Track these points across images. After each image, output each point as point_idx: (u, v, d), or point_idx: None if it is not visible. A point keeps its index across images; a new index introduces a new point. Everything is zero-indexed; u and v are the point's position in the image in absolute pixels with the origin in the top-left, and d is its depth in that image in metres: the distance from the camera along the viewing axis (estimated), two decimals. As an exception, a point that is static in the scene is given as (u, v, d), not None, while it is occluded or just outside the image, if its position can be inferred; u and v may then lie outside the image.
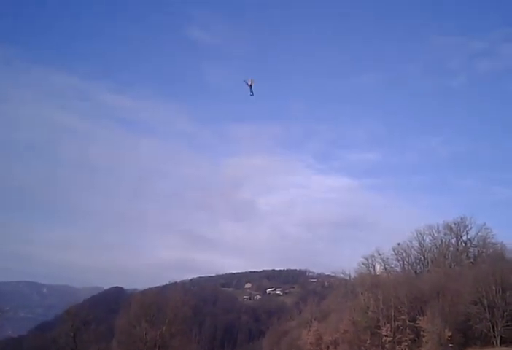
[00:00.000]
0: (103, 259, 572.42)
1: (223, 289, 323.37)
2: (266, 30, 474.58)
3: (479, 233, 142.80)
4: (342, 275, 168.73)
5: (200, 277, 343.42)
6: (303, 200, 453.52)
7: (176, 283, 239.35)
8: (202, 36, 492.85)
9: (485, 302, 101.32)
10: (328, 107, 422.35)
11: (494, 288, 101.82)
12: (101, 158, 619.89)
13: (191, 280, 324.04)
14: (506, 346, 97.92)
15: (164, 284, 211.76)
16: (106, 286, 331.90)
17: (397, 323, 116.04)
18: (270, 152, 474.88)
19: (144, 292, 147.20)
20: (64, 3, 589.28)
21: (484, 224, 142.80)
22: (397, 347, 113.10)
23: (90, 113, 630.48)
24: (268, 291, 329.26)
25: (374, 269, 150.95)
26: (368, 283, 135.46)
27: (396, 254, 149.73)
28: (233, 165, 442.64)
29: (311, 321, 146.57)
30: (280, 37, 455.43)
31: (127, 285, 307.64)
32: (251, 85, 55.81)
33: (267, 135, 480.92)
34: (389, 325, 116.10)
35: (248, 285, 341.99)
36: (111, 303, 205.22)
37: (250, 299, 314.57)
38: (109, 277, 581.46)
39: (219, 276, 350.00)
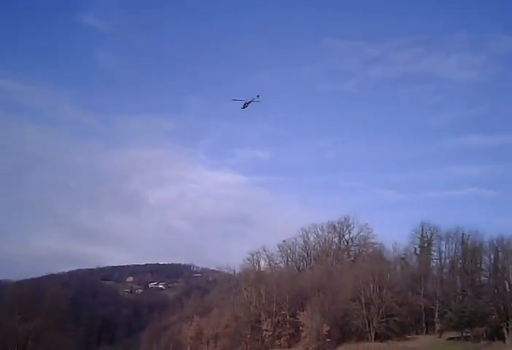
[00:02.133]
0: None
1: (103, 282, 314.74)
2: (163, 21, 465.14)
3: (360, 233, 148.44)
4: (227, 270, 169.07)
5: (79, 269, 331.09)
6: (193, 194, 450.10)
7: (53, 275, 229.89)
8: (96, 22, 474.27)
9: (362, 299, 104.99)
10: (223, 104, 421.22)
11: (371, 286, 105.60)
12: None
13: (69, 272, 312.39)
14: (380, 341, 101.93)
15: (41, 275, 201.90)
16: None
17: (277, 318, 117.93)
18: (163, 146, 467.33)
19: (19, 284, 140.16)
20: None
21: (366, 224, 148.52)
22: (277, 341, 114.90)
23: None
24: (151, 285, 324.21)
25: (259, 265, 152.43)
26: (252, 278, 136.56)
27: (281, 251, 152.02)
28: (122, 156, 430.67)
29: (193, 316, 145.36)
30: (180, 29, 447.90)
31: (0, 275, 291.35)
32: (249, 102, 53.67)
33: (160, 129, 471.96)
34: (269, 320, 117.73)
35: (130, 278, 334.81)
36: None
37: (131, 293, 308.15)
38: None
39: (100, 269, 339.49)
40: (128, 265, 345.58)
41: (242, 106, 53.93)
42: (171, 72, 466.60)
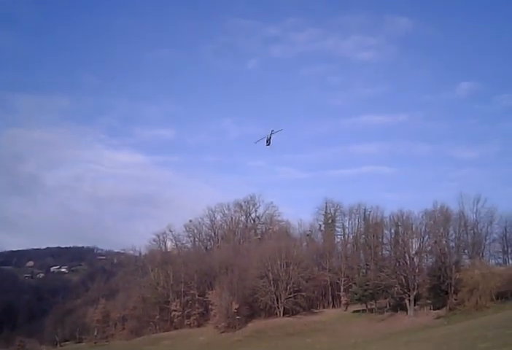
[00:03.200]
0: None
1: (2, 267, 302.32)
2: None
3: (267, 211, 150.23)
4: (132, 252, 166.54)
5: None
6: (92, 175, 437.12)
7: None
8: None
9: (270, 276, 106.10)
10: (123, 82, 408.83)
11: (278, 262, 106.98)
12: None
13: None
14: (288, 316, 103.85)
15: None
16: None
17: (186, 298, 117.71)
18: (57, 125, 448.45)
19: None
20: None
21: (271, 202, 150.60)
22: (186, 321, 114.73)
23: None
24: (53, 269, 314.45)
25: (165, 246, 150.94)
26: (159, 259, 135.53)
27: (187, 231, 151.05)
28: (14, 137, 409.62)
29: (99, 299, 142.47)
30: (69, 3, 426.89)
31: None
32: (270, 137, 50.28)
33: (53, 107, 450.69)
34: (178, 300, 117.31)
35: (30, 263, 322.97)
36: None
37: (32, 277, 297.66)
38: None
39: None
40: (27, 249, 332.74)
41: (266, 144, 51.66)
42: (64, 48, 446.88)
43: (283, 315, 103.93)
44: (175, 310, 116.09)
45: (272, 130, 49.16)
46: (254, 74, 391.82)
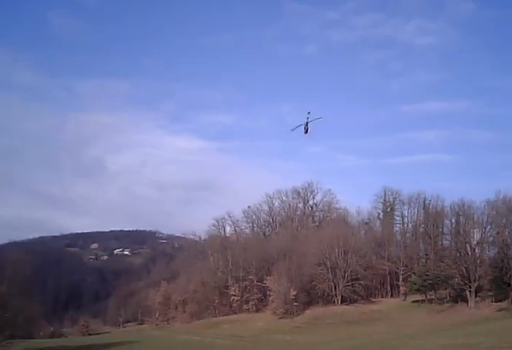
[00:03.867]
0: None
1: (68, 249, 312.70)
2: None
3: (324, 198, 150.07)
4: (192, 236, 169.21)
5: (42, 237, 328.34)
6: (153, 160, 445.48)
7: (16, 242, 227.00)
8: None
9: (328, 263, 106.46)
10: (185, 66, 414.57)
11: (336, 250, 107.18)
12: None
13: (32, 239, 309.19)
14: (346, 305, 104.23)
15: (2, 243, 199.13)
16: None
17: (245, 283, 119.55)
18: (121, 110, 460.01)
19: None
20: None
21: (329, 189, 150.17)
22: (245, 306, 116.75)
23: None
24: (116, 251, 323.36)
25: (224, 231, 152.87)
26: (218, 244, 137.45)
27: (246, 217, 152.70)
28: (80, 121, 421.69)
29: (160, 282, 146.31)
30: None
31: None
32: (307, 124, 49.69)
33: (118, 93, 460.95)
34: (237, 285, 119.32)
35: (94, 245, 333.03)
36: None
37: (96, 259, 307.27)
38: None
39: (63, 236, 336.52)
40: (92, 232, 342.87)
41: (304, 132, 50.91)
42: (127, 35, 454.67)
43: (341, 303, 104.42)
44: (234, 295, 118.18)
45: (308, 118, 47.90)
46: (312, 58, 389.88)
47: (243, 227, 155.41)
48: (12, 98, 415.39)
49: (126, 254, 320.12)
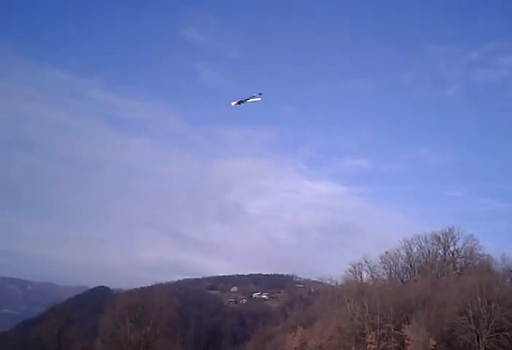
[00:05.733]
0: (87, 258, 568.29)
1: (209, 291, 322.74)
2: (261, 33, 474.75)
3: (466, 244, 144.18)
4: (329, 281, 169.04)
5: (186, 279, 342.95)
6: (292, 205, 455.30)
7: (162, 284, 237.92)
8: (196, 36, 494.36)
9: (470, 313, 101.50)
10: (321, 112, 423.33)
11: (479, 299, 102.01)
12: (89, 155, 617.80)
13: (177, 282, 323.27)
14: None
15: (150, 284, 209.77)
16: (90, 285, 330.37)
17: (382, 331, 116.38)
18: (261, 156, 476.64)
19: (130, 292, 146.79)
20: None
21: (471, 235, 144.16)
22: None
23: (80, 109, 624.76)
24: (254, 295, 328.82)
25: (361, 276, 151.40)
26: (355, 290, 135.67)
27: (383, 263, 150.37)
28: (222, 167, 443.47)
29: (297, 327, 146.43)
30: (275, 40, 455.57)
31: (112, 285, 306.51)
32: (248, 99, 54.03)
33: (258, 139, 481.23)
34: (374, 333, 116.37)
35: (234, 288, 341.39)
36: (96, 303, 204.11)
37: (236, 302, 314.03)
38: (94, 276, 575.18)
39: (205, 279, 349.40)
40: (232, 275, 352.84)
41: (237, 103, 53.72)
42: (267, 82, 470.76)
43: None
44: (371, 343, 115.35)
45: (253, 96, 49.98)
46: (453, 100, 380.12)
47: (380, 273, 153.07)
48: (160, 145, 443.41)
49: (264, 298, 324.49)
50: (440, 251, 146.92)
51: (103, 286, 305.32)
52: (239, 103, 54.98)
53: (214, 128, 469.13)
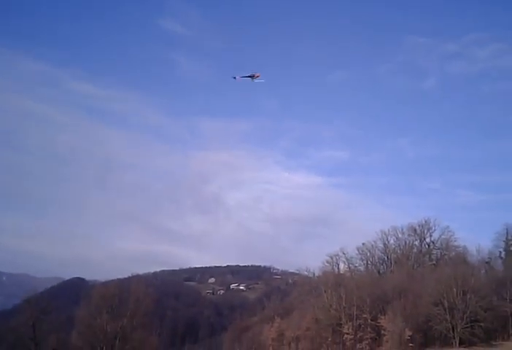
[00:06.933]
0: (64, 249, 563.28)
1: (186, 283, 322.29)
2: (242, 25, 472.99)
3: (442, 236, 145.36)
4: (306, 272, 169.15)
5: (163, 270, 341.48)
6: (270, 196, 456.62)
7: (138, 275, 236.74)
8: (175, 27, 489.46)
9: (446, 303, 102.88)
10: (300, 104, 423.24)
11: (455, 290, 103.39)
12: (67, 147, 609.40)
13: (154, 273, 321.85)
14: (464, 347, 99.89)
15: (126, 276, 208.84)
16: (67, 277, 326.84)
17: (358, 321, 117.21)
18: (240, 148, 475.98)
19: (106, 284, 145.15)
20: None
21: (447, 226, 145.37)
22: (358, 345, 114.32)
23: (58, 100, 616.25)
24: (232, 286, 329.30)
25: (338, 268, 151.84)
26: (332, 281, 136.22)
27: (360, 254, 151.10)
28: (201, 159, 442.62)
29: (274, 318, 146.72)
30: (256, 32, 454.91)
31: (88, 276, 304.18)
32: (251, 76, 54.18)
33: (237, 131, 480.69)
34: (350, 323, 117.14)
35: (211, 280, 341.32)
36: (72, 294, 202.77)
37: (213, 294, 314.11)
38: (70, 267, 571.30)
39: (182, 270, 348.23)
40: (209, 266, 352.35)
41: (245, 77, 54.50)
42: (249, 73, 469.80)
43: (459, 345, 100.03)
44: (347, 333, 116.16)
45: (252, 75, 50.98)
46: (431, 92, 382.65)
47: (357, 265, 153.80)
48: (138, 137, 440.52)
49: (241, 289, 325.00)
50: (417, 243, 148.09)
51: (79, 278, 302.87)
52: (246, 77, 55.92)
53: (194, 120, 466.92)
